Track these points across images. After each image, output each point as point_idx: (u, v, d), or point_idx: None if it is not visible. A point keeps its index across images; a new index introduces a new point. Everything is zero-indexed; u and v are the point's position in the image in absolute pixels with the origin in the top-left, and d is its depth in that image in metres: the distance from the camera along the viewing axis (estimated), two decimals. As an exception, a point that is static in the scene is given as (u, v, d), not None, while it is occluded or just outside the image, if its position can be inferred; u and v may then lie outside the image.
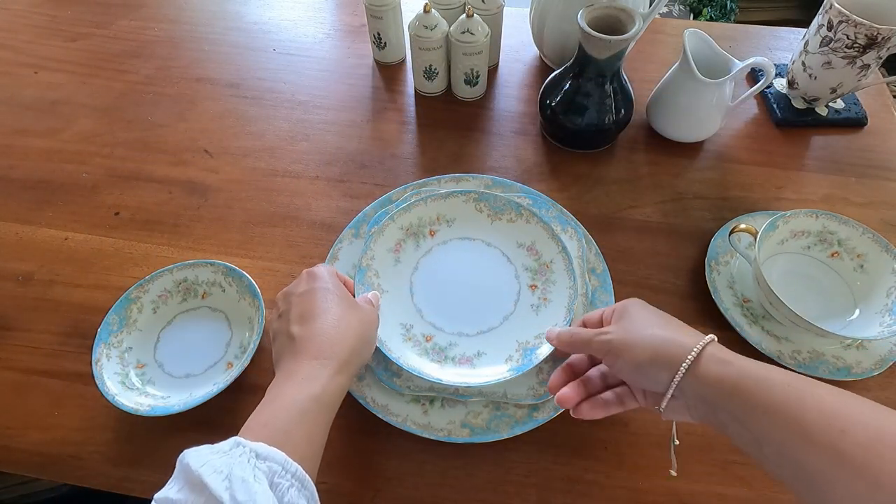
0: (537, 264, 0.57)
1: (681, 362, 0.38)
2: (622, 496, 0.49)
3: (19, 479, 0.96)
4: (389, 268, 0.56)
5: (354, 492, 0.49)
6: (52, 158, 0.71)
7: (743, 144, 0.74)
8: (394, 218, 0.57)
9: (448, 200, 0.59)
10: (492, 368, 0.51)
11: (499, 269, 0.57)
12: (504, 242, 0.58)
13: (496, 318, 0.54)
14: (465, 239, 0.59)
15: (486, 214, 0.59)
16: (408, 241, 0.58)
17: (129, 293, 0.55)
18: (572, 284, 0.54)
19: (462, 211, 0.59)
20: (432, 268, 0.57)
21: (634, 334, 0.41)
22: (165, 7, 0.93)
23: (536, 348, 0.51)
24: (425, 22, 0.71)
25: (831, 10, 0.65)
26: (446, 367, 0.51)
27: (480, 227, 0.59)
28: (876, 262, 0.57)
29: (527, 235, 0.58)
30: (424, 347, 0.52)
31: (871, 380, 0.54)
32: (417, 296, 0.56)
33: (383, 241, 0.57)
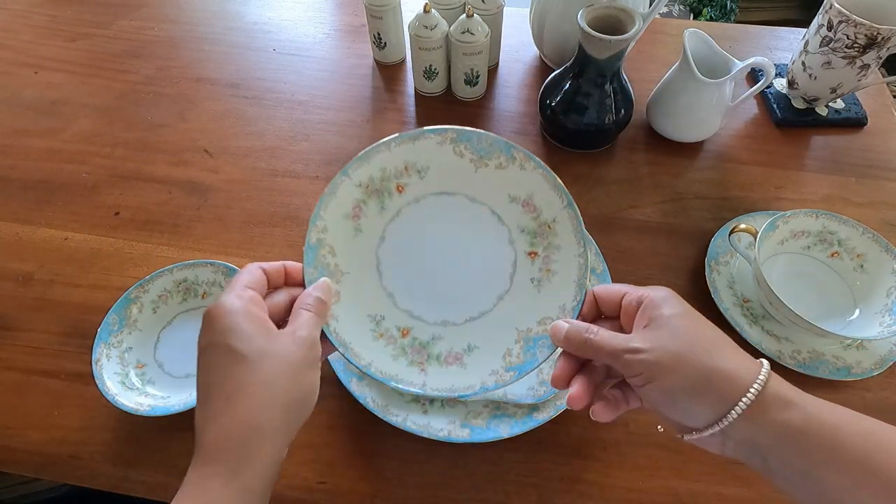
0: (536, 224, 0.44)
1: (731, 402, 0.31)
2: (622, 496, 0.49)
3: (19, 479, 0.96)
4: (348, 241, 0.43)
5: (354, 492, 0.49)
6: (52, 158, 0.71)
7: (743, 144, 0.74)
8: (348, 173, 0.43)
9: (418, 143, 0.44)
10: (487, 367, 0.41)
11: (488, 232, 0.44)
12: (493, 196, 0.45)
13: (488, 299, 0.44)
14: (443, 194, 0.45)
15: (468, 160, 0.44)
16: (369, 202, 0.44)
17: (129, 293, 0.55)
18: (582, 252, 0.41)
19: (437, 157, 0.44)
20: (403, 236, 0.45)
21: (674, 356, 0.33)
22: (165, 7, 0.93)
23: (541, 338, 0.41)
24: (425, 22, 0.71)
25: (831, 10, 0.65)
26: (431, 369, 0.42)
27: (462, 177, 0.45)
28: (876, 262, 0.57)
29: (522, 186, 0.44)
30: (401, 345, 0.42)
31: (871, 380, 0.54)
32: (387, 276, 0.44)
33: (337, 204, 0.43)
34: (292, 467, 0.50)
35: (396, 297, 0.44)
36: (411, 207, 0.45)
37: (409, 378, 0.41)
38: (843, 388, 0.54)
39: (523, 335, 0.42)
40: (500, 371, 0.41)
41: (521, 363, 0.41)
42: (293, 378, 0.34)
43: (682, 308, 0.35)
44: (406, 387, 0.40)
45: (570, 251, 0.42)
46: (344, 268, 0.43)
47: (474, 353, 0.42)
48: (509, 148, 0.44)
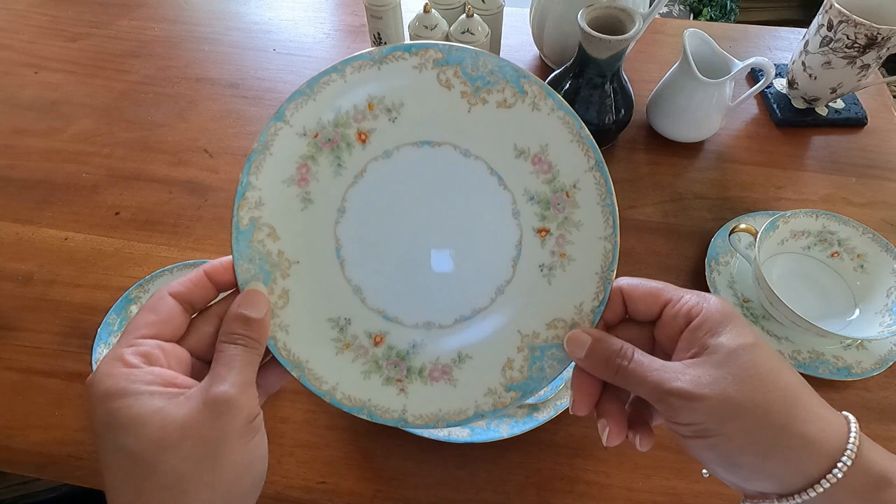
0: (550, 189, 0.32)
1: (810, 474, 0.25)
2: (622, 496, 0.49)
3: (19, 479, 0.96)
4: (294, 216, 0.32)
5: (354, 492, 0.49)
6: (52, 158, 0.71)
7: (743, 144, 0.74)
8: (285, 117, 0.31)
9: (386, 68, 0.31)
10: (481, 384, 0.32)
11: (485, 201, 0.33)
12: (492, 148, 0.32)
13: (485, 293, 0.33)
14: (424, 144, 0.32)
15: (458, 93, 0.31)
16: (320, 158, 0.32)
17: (129, 293, 0.55)
18: (610, 234, 0.32)
19: (415, 89, 0.31)
20: (370, 205, 0.33)
21: (742, 411, 0.25)
22: (165, 7, 0.92)
23: (550, 347, 0.32)
24: (425, 22, 0.71)
25: (831, 10, 0.65)
26: (412, 388, 0.32)
27: (450, 119, 0.32)
28: (876, 262, 0.57)
29: (533, 134, 0.32)
30: (374, 357, 0.33)
31: (871, 380, 0.54)
32: (351, 263, 0.33)
33: (275, 165, 0.31)
34: (292, 467, 0.50)
35: (365, 293, 0.33)
36: (380, 164, 0.33)
37: (384, 403, 0.32)
38: (843, 388, 0.54)
39: (528, 342, 0.32)
40: (499, 390, 0.32)
41: (525, 380, 0.31)
42: (213, 461, 0.25)
43: (749, 337, 0.27)
44: (381, 417, 0.31)
45: (594, 231, 0.32)
46: (291, 255, 0.32)
47: (466, 365, 0.33)
48: (518, 76, 0.31)
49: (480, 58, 0.31)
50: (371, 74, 0.31)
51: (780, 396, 0.26)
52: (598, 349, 0.29)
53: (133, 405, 0.24)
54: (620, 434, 0.29)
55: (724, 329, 0.27)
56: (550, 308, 0.32)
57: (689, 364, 0.27)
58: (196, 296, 0.29)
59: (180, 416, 0.25)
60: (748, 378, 0.26)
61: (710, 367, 0.26)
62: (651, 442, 0.30)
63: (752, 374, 0.26)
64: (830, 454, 0.25)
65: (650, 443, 0.30)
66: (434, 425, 0.31)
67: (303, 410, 0.52)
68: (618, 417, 0.30)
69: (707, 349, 0.27)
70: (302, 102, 0.31)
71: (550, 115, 0.31)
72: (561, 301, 0.32)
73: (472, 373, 0.32)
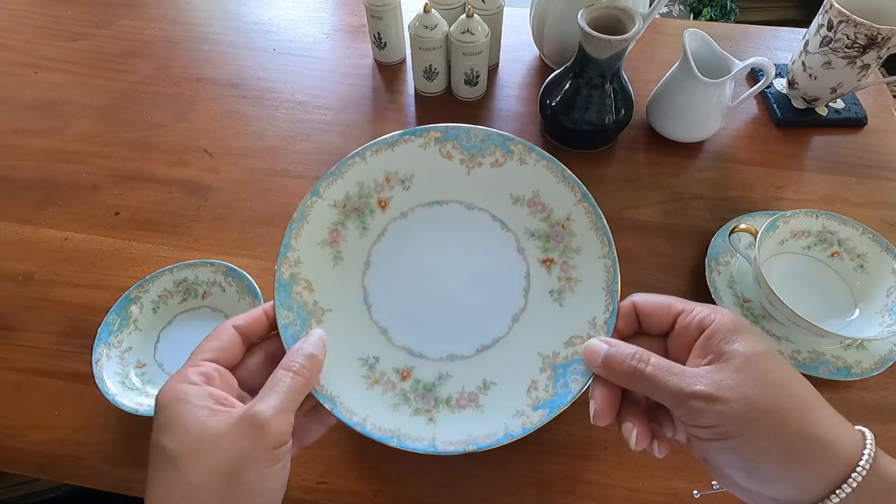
0: (548, 225, 0.37)
1: (827, 480, 0.26)
2: (622, 496, 0.49)
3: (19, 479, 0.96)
4: (327, 272, 0.37)
5: (354, 492, 0.49)
6: (52, 158, 0.71)
7: (743, 144, 0.74)
8: (319, 192, 0.36)
9: (398, 149, 0.37)
10: (509, 406, 0.35)
11: (492, 243, 0.38)
12: (492, 199, 0.38)
13: (501, 322, 0.37)
14: (434, 204, 0.38)
15: (458, 161, 0.38)
16: (348, 223, 0.38)
17: (129, 293, 0.55)
18: (607, 252, 0.35)
19: (422, 162, 0.38)
20: (392, 258, 0.38)
21: (762, 412, 0.26)
22: (165, 7, 0.92)
23: (571, 364, 0.34)
24: (425, 22, 0.71)
25: (831, 10, 0.65)
26: (441, 417, 0.35)
27: (453, 182, 0.38)
28: (876, 262, 0.57)
29: (525, 183, 0.37)
30: (401, 391, 0.36)
31: (871, 380, 0.54)
32: (377, 308, 0.37)
33: (310, 231, 0.37)
34: (292, 467, 0.49)
35: (391, 333, 0.37)
36: (398, 224, 0.39)
37: (414, 432, 0.34)
38: (843, 388, 0.54)
39: (549, 362, 0.35)
40: (527, 411, 0.34)
41: (551, 397, 0.34)
42: (225, 485, 0.26)
43: (762, 345, 0.28)
44: (412, 444, 0.34)
45: (592, 252, 0.36)
46: (325, 304, 0.36)
47: (492, 391, 0.36)
48: (504, 140, 0.37)
49: (472, 131, 0.37)
50: (386, 155, 0.37)
51: (797, 402, 0.27)
52: (615, 355, 0.30)
53: (182, 412, 0.27)
54: (647, 437, 0.30)
55: (738, 337, 0.28)
56: (565, 328, 0.35)
57: (707, 369, 0.28)
58: (253, 330, 0.33)
59: (217, 428, 0.27)
60: (766, 382, 0.27)
61: (729, 371, 0.27)
62: (668, 448, 0.31)
63: (770, 380, 0.27)
64: (847, 460, 0.26)
65: (667, 449, 0.31)
66: (464, 449, 0.33)
67: (303, 410, 0.52)
68: (642, 420, 0.31)
69: (723, 356, 0.28)
70: (332, 181, 0.37)
71: (536, 165, 0.37)
72: (574, 320, 0.35)
73: (499, 398, 0.35)
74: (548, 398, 0.34)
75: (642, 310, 0.32)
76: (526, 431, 0.33)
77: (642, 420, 0.31)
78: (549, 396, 0.34)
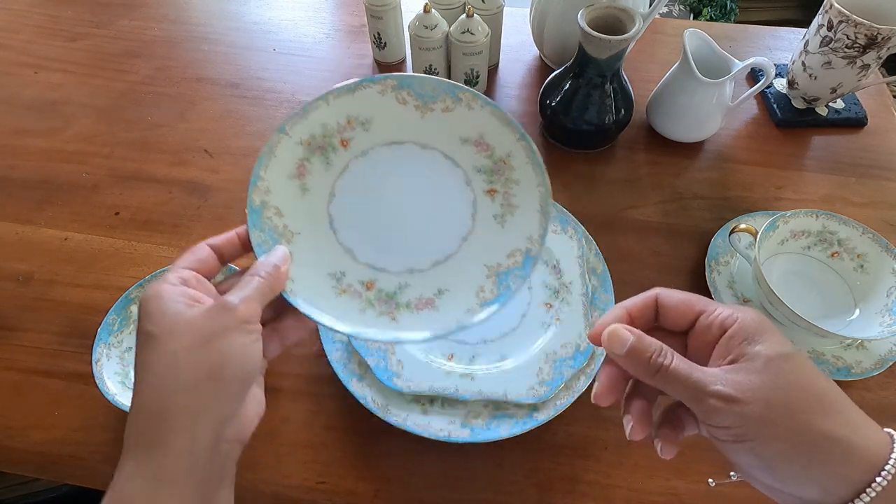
0: (491, 162, 0.43)
1: (850, 481, 0.26)
2: (622, 496, 0.49)
3: (19, 479, 0.96)
4: (295, 200, 0.42)
5: (354, 492, 0.49)
6: (52, 158, 0.71)
7: (743, 144, 0.74)
8: (287, 130, 0.41)
9: (357, 94, 0.42)
10: (461, 305, 0.40)
11: (443, 177, 0.43)
12: (443, 140, 0.43)
13: (452, 242, 0.43)
14: (391, 144, 0.44)
15: (412, 107, 0.43)
16: (313, 159, 0.42)
17: (128, 293, 0.55)
18: (541, 181, 0.41)
19: (380, 107, 0.43)
20: (354, 190, 0.43)
21: (780, 414, 0.26)
22: (165, 7, 0.93)
23: (512, 271, 0.41)
24: (425, 22, 0.71)
25: (831, 10, 0.65)
26: (402, 317, 0.40)
27: (408, 125, 0.43)
28: (876, 262, 0.57)
29: (471, 127, 0.43)
30: (367, 298, 0.41)
31: (871, 380, 0.54)
32: (343, 232, 0.42)
33: (279, 165, 0.41)
34: (292, 467, 0.50)
35: (356, 253, 0.42)
36: (359, 161, 0.43)
37: (378, 331, 0.39)
38: (843, 387, 0.52)
39: (494, 270, 0.41)
40: (475, 307, 0.40)
41: (495, 297, 0.40)
42: (202, 349, 0.30)
43: (785, 346, 0.28)
44: (378, 335, 0.39)
45: (530, 182, 0.41)
46: (294, 228, 0.41)
47: (445, 296, 0.41)
48: (454, 89, 0.42)
49: (425, 80, 0.42)
50: (347, 100, 0.42)
51: (820, 404, 0.27)
52: (639, 347, 0.29)
53: (162, 304, 0.31)
54: (644, 430, 0.31)
55: (761, 338, 0.28)
56: (507, 244, 0.42)
57: (727, 370, 0.28)
58: (226, 250, 0.37)
59: (192, 313, 0.31)
60: (787, 385, 0.27)
61: (750, 373, 0.27)
62: (674, 451, 0.31)
63: (791, 381, 0.27)
64: (873, 462, 0.26)
65: (672, 452, 0.31)
66: (422, 339, 0.39)
67: (303, 410, 0.52)
68: (643, 413, 0.31)
69: (744, 356, 0.28)
70: (298, 120, 0.41)
71: (482, 111, 0.42)
72: (514, 237, 0.42)
73: (452, 300, 0.41)
74: (493, 298, 0.40)
75: (664, 304, 0.32)
76: (474, 318, 0.39)
77: (645, 412, 0.31)
78: (494, 296, 0.40)
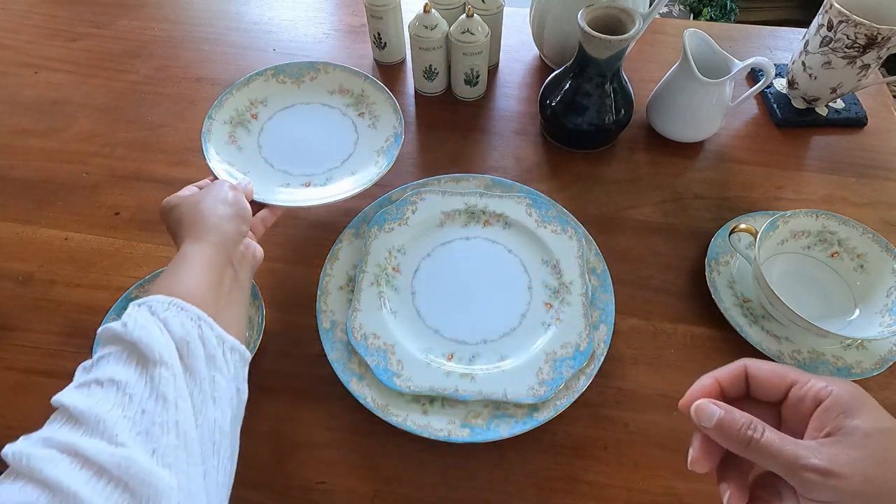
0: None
1: None
2: (622, 496, 0.49)
3: (19, 479, 0.96)
4: None
5: (354, 492, 0.49)
6: (52, 158, 0.71)
7: (743, 144, 0.74)
8: (213, 116, 0.61)
9: (252, 84, 0.64)
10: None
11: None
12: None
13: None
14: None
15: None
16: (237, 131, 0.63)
17: (129, 293, 0.55)
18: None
19: (270, 89, 0.65)
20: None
21: (880, 490, 0.26)
22: (165, 7, 0.92)
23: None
24: (425, 22, 0.71)
25: (831, 10, 0.65)
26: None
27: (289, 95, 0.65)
28: (876, 262, 0.57)
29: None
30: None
31: (871, 380, 0.54)
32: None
33: (216, 140, 0.61)
34: (292, 467, 0.50)
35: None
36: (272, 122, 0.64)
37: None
38: (843, 388, 0.53)
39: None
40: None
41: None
42: (205, 196, 0.46)
43: (887, 422, 0.28)
44: None
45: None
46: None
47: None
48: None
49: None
50: (245, 90, 0.65)
51: None
52: (729, 420, 0.29)
53: (180, 198, 0.48)
54: (742, 499, 0.30)
55: (860, 412, 0.28)
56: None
57: (823, 443, 0.27)
58: None
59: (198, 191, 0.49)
60: (886, 461, 0.26)
61: (847, 447, 0.27)
62: None
63: (890, 458, 0.26)
64: None
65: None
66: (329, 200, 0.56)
67: (303, 410, 0.52)
68: (740, 483, 0.30)
69: (841, 430, 0.27)
70: (218, 108, 0.64)
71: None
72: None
73: None
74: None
75: (754, 375, 0.32)
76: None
77: (742, 481, 0.30)
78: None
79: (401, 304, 0.56)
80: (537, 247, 0.59)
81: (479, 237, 0.60)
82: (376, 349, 0.52)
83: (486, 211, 0.61)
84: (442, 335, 0.54)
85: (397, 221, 0.60)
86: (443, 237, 0.60)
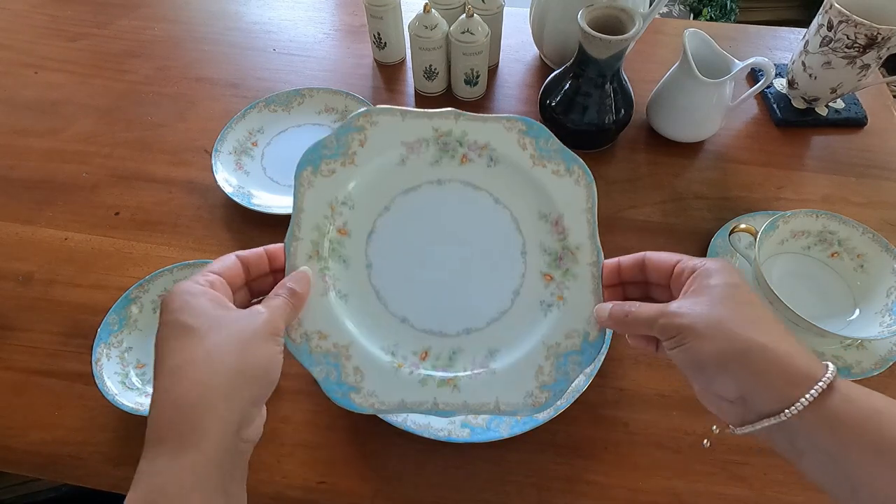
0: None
1: (780, 391, 0.29)
2: (622, 496, 0.49)
3: (19, 479, 0.96)
4: None
5: (354, 492, 0.49)
6: (52, 158, 0.71)
7: (743, 144, 0.74)
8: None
9: None
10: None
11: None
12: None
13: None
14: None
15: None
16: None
17: (129, 293, 0.55)
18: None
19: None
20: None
21: (709, 323, 0.31)
22: (165, 7, 0.92)
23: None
24: (425, 22, 0.71)
25: (831, 10, 0.65)
26: None
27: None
28: (876, 262, 0.57)
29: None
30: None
31: (871, 380, 0.54)
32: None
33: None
34: (292, 467, 0.50)
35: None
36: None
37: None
38: (843, 388, 0.54)
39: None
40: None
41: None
42: (243, 348, 0.32)
43: (733, 279, 0.33)
44: None
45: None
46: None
47: None
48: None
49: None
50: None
51: (749, 317, 0.31)
52: (618, 310, 0.37)
53: (195, 300, 0.33)
54: None
55: (716, 274, 0.33)
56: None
57: (681, 298, 0.34)
58: (254, 262, 0.38)
59: (231, 316, 0.33)
60: (721, 300, 0.32)
61: (694, 295, 0.33)
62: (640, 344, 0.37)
63: (725, 297, 0.32)
64: (805, 378, 0.29)
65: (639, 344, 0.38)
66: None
67: (303, 410, 0.52)
68: None
69: (698, 287, 0.33)
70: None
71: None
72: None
73: None
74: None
75: (650, 259, 0.38)
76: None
77: None
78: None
79: (352, 284, 0.40)
80: (534, 194, 0.42)
81: (454, 180, 0.43)
82: (323, 354, 0.38)
83: (465, 140, 0.44)
84: (411, 325, 0.40)
85: (339, 160, 0.41)
86: (405, 180, 0.42)
